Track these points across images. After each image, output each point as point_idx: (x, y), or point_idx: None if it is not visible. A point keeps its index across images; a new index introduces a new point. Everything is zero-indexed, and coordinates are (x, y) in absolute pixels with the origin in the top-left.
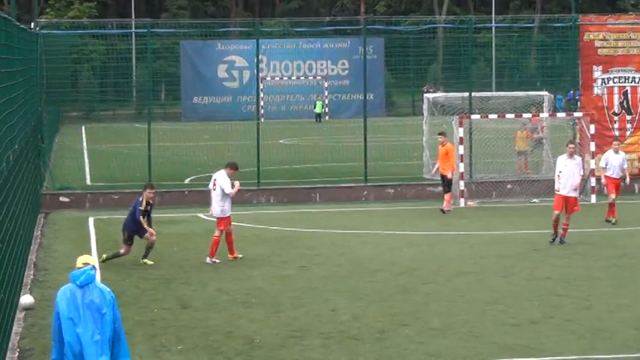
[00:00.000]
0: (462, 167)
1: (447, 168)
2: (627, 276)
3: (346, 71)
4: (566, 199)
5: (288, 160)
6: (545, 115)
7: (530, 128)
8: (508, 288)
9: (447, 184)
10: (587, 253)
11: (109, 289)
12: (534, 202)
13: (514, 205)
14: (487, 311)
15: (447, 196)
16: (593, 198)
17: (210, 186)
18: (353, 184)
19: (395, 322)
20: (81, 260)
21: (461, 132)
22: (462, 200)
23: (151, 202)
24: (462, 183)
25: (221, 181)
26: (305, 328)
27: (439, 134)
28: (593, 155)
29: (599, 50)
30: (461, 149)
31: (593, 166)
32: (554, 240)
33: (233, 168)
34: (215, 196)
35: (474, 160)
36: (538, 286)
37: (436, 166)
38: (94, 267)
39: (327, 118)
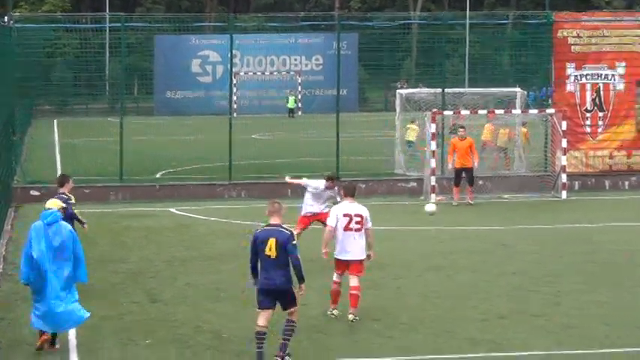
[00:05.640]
0: (433, 163)
1: (471, 161)
2: (597, 272)
3: (320, 66)
4: None
5: (260, 155)
6: (517, 111)
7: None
8: (477, 283)
9: (469, 177)
10: (557, 249)
11: (69, 227)
12: (505, 199)
13: (485, 200)
14: (456, 306)
15: (470, 189)
16: (564, 194)
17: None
18: None
19: (365, 316)
20: (48, 204)
21: (433, 127)
22: (433, 196)
23: None
24: (433, 179)
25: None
26: (274, 323)
27: (460, 127)
28: (565, 152)
29: (573, 47)
30: (433, 145)
31: (564, 162)
32: None
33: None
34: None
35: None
36: (507, 281)
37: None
38: (58, 210)
39: (299, 113)
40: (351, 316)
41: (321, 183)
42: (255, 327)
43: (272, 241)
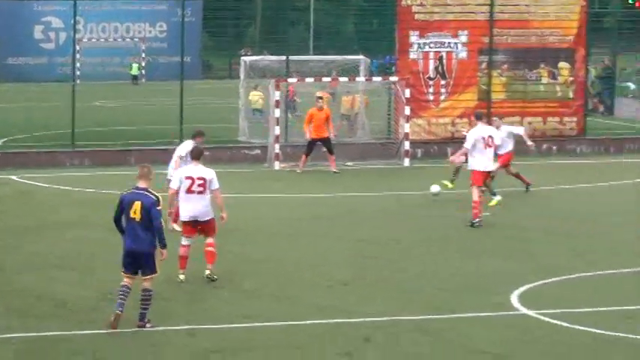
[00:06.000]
0: (277, 130)
1: (327, 131)
2: (438, 237)
3: (164, 33)
4: None
5: (103, 122)
6: (361, 78)
7: (330, 92)
8: (322, 250)
9: (328, 146)
10: (399, 215)
11: None
12: (348, 166)
13: (329, 168)
14: (301, 273)
15: (332, 157)
16: (407, 161)
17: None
18: (169, 147)
19: (207, 283)
20: None
21: (277, 95)
22: (277, 163)
23: None
24: (276, 146)
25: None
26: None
27: (319, 98)
28: (408, 119)
29: (416, 15)
30: (277, 112)
31: (407, 129)
32: None
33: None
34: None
35: (290, 123)
36: (351, 247)
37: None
38: None
39: (143, 80)
40: (207, 272)
41: (188, 144)
42: (121, 282)
43: (137, 205)
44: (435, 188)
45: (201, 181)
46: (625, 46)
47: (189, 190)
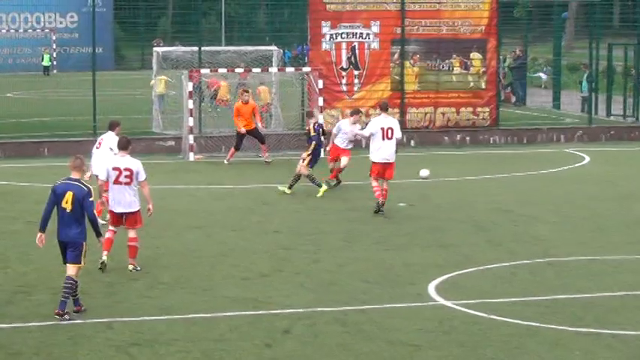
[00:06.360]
0: (191, 121)
1: (254, 122)
2: (355, 229)
3: (75, 24)
4: None
5: (15, 114)
6: (274, 69)
7: (239, 84)
8: (238, 242)
9: (258, 137)
10: (316, 207)
11: None
12: (261, 157)
13: (243, 159)
14: (217, 265)
15: (264, 147)
16: (321, 153)
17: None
18: (82, 139)
19: (125, 276)
20: None
21: (190, 86)
22: (191, 154)
23: None
24: (191, 137)
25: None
26: (33, 284)
27: (244, 91)
28: (322, 110)
29: (328, 6)
30: (190, 104)
31: (321, 120)
32: None
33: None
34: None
35: (203, 114)
36: (268, 239)
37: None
38: None
39: (55, 71)
40: (130, 267)
41: (112, 137)
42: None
43: (69, 195)
44: (424, 172)
45: (128, 172)
46: (536, 36)
47: (116, 181)
